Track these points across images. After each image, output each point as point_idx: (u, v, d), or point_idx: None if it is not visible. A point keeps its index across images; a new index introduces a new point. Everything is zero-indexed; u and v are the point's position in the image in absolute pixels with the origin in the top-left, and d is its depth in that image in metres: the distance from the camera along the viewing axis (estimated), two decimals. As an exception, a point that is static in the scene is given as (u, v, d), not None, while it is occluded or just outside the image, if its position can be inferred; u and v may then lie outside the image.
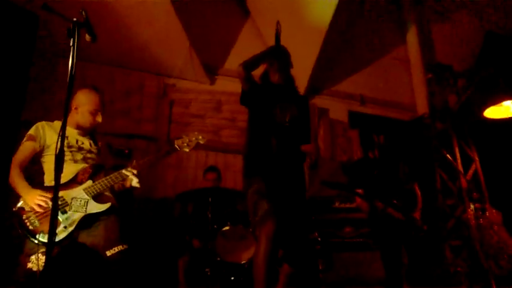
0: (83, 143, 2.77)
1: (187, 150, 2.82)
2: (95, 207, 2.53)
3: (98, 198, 2.57)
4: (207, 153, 5.23)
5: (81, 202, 2.51)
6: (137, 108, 5.08)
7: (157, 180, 4.88)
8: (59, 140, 1.75)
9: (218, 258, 3.43)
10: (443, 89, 4.72)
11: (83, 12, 1.95)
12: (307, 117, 2.87)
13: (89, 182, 2.60)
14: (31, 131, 2.67)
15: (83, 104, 2.75)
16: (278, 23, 2.90)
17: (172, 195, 4.69)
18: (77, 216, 2.48)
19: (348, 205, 4.75)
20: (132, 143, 4.75)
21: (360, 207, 4.32)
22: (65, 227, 2.42)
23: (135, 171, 2.66)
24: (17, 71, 1.43)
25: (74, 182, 2.59)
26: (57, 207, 1.69)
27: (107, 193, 2.66)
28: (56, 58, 4.28)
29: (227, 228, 3.52)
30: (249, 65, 2.76)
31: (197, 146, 2.87)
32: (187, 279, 3.53)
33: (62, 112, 4.19)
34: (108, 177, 2.63)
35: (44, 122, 2.76)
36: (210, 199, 3.53)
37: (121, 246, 2.46)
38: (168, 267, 3.91)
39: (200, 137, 2.87)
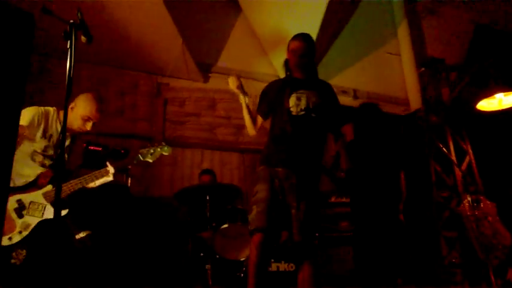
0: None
1: (150, 160, 2.86)
2: (52, 213, 2.48)
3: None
4: (203, 152, 5.24)
5: (39, 207, 2.48)
6: (131, 107, 5.06)
7: (154, 179, 4.88)
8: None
9: (217, 256, 3.44)
10: (436, 82, 4.76)
11: (79, 14, 1.93)
12: (334, 103, 2.80)
13: (49, 187, 2.56)
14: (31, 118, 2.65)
15: (79, 107, 2.73)
16: None
17: (169, 194, 4.69)
18: (33, 221, 2.45)
19: (344, 199, 4.80)
20: (127, 142, 4.73)
21: None
22: (20, 232, 2.41)
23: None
24: (15, 73, 1.40)
25: (34, 186, 2.55)
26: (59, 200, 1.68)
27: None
28: (47, 58, 4.25)
29: (226, 226, 3.52)
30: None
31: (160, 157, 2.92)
32: (189, 276, 3.56)
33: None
34: (68, 183, 2.58)
35: (42, 110, 2.73)
36: (208, 197, 3.53)
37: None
38: (166, 266, 3.93)
39: (165, 149, 2.89)
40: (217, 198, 3.59)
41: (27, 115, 2.61)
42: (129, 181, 3.93)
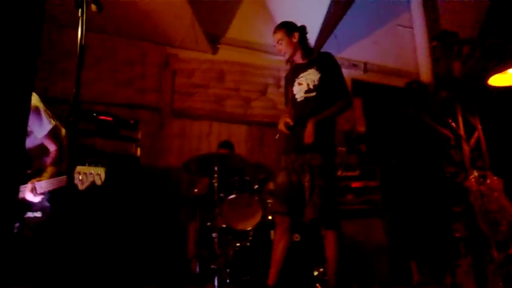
0: None
1: (80, 187, 2.34)
2: None
3: None
4: (211, 123, 5.25)
5: None
6: (140, 78, 5.06)
7: (162, 150, 4.93)
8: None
9: (224, 225, 3.51)
10: (448, 56, 4.68)
11: None
12: (333, 76, 2.81)
13: None
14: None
15: None
16: None
17: (177, 165, 4.74)
18: None
19: (350, 173, 4.83)
20: (136, 113, 4.76)
21: None
22: None
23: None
24: (27, 44, 1.40)
25: None
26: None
27: None
28: (56, 28, 4.25)
29: (233, 196, 3.57)
30: None
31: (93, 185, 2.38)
32: (196, 244, 3.64)
33: (66, 83, 4.21)
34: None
35: None
36: (216, 168, 3.56)
37: None
38: (176, 234, 4.02)
39: (100, 176, 2.37)
40: (225, 169, 3.62)
41: None
42: (139, 152, 3.99)
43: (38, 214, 2.59)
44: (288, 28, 2.93)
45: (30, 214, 2.57)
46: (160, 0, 4.77)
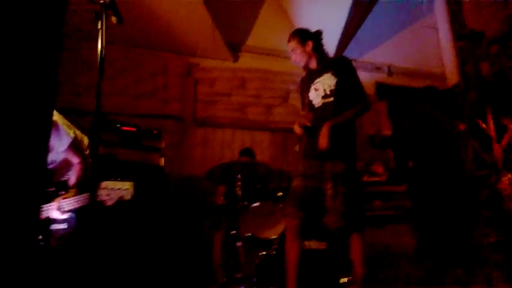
0: None
1: (108, 203, 2.28)
2: None
3: None
4: (234, 131, 5.26)
5: None
6: (163, 88, 5.12)
7: (185, 159, 4.95)
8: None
9: (249, 234, 3.47)
10: (476, 56, 4.54)
11: None
12: (350, 80, 2.72)
13: None
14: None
15: None
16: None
17: (200, 174, 4.75)
18: None
19: (376, 178, 4.73)
20: (159, 123, 4.80)
21: None
22: None
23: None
24: (47, 58, 1.41)
25: None
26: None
27: None
28: (80, 41, 4.33)
29: (257, 204, 3.54)
30: None
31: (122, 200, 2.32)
32: (222, 253, 3.62)
33: (92, 96, 4.27)
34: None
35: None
36: (239, 175, 3.54)
37: None
38: (201, 243, 4.01)
39: (129, 191, 2.32)
40: (249, 177, 3.59)
41: None
42: (163, 161, 4.00)
43: (63, 226, 2.63)
44: (302, 37, 2.89)
45: (55, 226, 2.61)
46: (181, 10, 4.82)
